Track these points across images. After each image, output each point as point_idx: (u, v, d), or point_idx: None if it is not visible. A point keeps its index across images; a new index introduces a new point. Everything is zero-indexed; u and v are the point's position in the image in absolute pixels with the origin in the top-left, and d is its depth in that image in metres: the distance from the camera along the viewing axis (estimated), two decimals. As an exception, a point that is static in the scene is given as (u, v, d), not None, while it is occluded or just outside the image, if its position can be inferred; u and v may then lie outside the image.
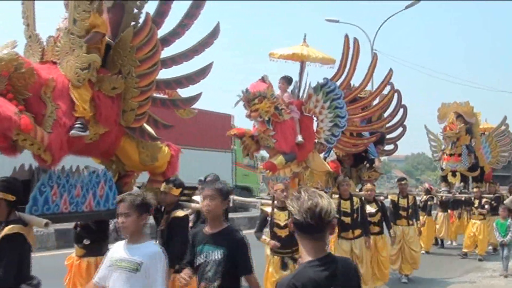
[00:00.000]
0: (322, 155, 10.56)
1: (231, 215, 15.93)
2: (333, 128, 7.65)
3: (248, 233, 4.46)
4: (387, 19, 25.10)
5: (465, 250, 11.89)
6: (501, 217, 9.84)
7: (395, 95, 10.57)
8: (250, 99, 6.76)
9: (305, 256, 2.17)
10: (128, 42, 4.37)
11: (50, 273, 4.90)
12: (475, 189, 12.15)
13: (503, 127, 13.89)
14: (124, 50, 4.39)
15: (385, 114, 10.63)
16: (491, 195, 12.00)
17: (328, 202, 2.12)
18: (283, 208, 6.33)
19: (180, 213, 4.93)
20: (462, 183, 12.91)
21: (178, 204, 5.08)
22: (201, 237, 3.61)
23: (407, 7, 23.97)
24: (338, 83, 7.60)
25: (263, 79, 7.04)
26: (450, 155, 12.66)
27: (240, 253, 3.51)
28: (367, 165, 10.02)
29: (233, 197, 7.39)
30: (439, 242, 13.56)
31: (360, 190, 9.09)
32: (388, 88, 8.51)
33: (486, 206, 11.38)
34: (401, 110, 10.60)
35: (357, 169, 10.18)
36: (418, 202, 11.66)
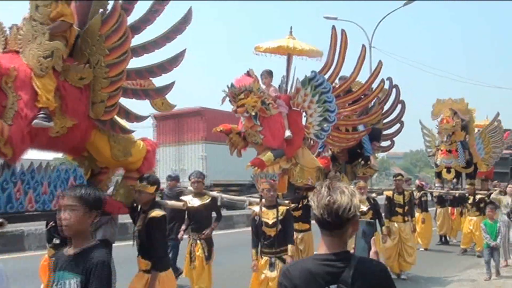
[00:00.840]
0: (317, 150, 10.46)
1: (230, 212, 15.82)
2: (323, 122, 7.41)
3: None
4: (385, 16, 25.26)
5: (463, 246, 11.83)
6: (489, 217, 9.03)
7: (394, 90, 10.43)
8: (236, 94, 6.53)
9: (320, 249, 2.10)
10: (96, 31, 4.14)
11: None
12: (467, 186, 12.20)
13: (495, 123, 13.88)
14: (92, 38, 4.16)
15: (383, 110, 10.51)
16: (485, 192, 11.90)
17: (348, 199, 2.01)
18: (271, 206, 6.11)
19: (157, 213, 4.66)
20: (455, 179, 12.98)
21: (155, 202, 4.84)
22: (62, 260, 2.78)
23: (405, 4, 23.99)
24: (326, 76, 7.36)
25: (248, 73, 6.82)
26: (448, 151, 12.56)
27: (93, 281, 2.63)
28: (362, 162, 9.87)
29: (221, 195, 7.16)
30: (442, 239, 13.50)
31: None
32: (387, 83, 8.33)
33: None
34: (399, 106, 10.46)
35: (352, 166, 10.02)
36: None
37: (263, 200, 6.22)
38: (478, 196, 11.55)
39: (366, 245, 2.20)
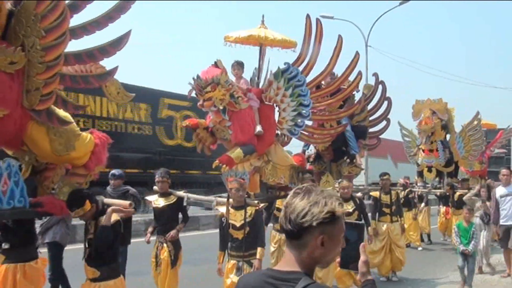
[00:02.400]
0: (301, 148, 10.10)
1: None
2: (297, 117, 7.01)
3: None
4: (382, 15, 25.41)
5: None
6: (465, 220, 8.01)
7: (380, 86, 10.10)
8: (202, 87, 6.09)
9: (281, 262, 1.82)
10: (31, 9, 3.67)
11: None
12: (447, 186, 12.38)
13: (475, 122, 13.98)
14: (27, 18, 3.69)
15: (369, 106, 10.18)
16: (465, 190, 11.77)
17: (306, 204, 1.70)
18: (239, 207, 5.70)
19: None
20: (437, 178, 13.06)
21: (103, 208, 4.40)
22: None
23: (401, 4, 23.99)
24: (300, 69, 6.96)
25: (216, 64, 6.37)
26: (430, 150, 12.62)
27: None
28: (348, 160, 9.56)
29: (187, 194, 6.72)
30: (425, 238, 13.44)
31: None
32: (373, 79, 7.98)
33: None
34: (385, 102, 10.18)
35: (337, 164, 9.73)
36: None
37: (231, 200, 5.81)
38: (457, 194, 11.70)
39: (353, 253, 1.86)
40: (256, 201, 5.95)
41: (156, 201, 6.63)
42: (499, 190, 8.50)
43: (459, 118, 14.82)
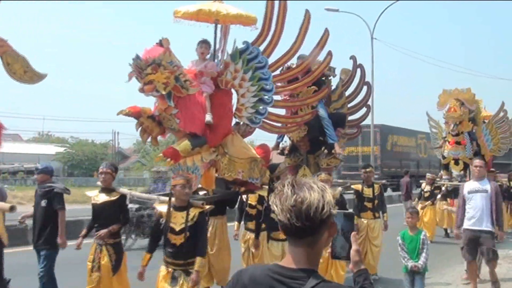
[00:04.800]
0: (275, 139, 9.30)
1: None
2: (258, 104, 6.18)
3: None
4: (387, 7, 25.33)
5: None
6: (409, 226, 5.92)
7: (358, 70, 9.32)
8: (142, 68, 5.24)
9: (284, 261, 1.74)
10: None
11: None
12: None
13: (501, 114, 13.65)
14: None
15: (347, 93, 9.42)
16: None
17: (319, 195, 1.66)
18: (181, 208, 4.93)
19: None
20: (462, 172, 12.62)
21: None
22: None
23: None
24: (261, 48, 6.09)
25: (161, 43, 5.51)
26: (456, 142, 12.21)
27: None
28: (326, 151, 8.81)
29: (130, 192, 5.93)
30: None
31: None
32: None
33: None
34: (365, 88, 9.46)
35: (314, 156, 9.01)
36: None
37: (173, 199, 5.02)
38: None
39: (345, 243, 1.86)
40: (201, 202, 5.13)
41: (96, 196, 5.90)
42: (468, 185, 6.92)
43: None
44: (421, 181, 14.41)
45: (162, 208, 5.08)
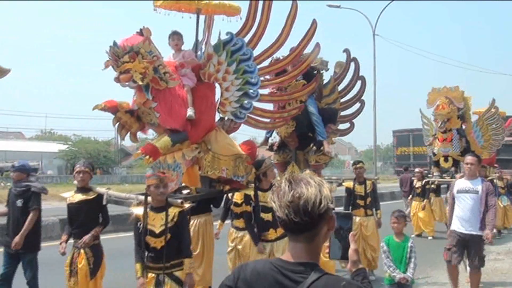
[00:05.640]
0: (264, 134, 9.01)
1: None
2: (243, 98, 5.87)
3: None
4: (389, 3, 25.41)
5: None
6: (395, 231, 5.29)
7: (352, 64, 9.04)
8: (119, 56, 4.91)
9: (285, 255, 1.76)
10: None
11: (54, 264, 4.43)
12: (457, 175, 11.45)
13: (492, 110, 13.50)
14: None
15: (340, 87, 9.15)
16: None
17: (316, 190, 1.68)
18: (159, 208, 4.63)
19: None
20: (453, 168, 12.61)
21: None
22: None
23: None
24: (246, 40, 5.77)
25: (141, 32, 5.18)
26: (445, 139, 12.27)
27: None
28: (314, 147, 8.56)
29: (107, 191, 5.60)
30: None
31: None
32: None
33: None
34: (359, 82, 9.19)
35: (304, 153, 8.78)
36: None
37: (149, 199, 4.71)
38: None
39: (343, 243, 1.83)
40: (180, 200, 4.82)
41: (72, 196, 5.59)
42: (459, 184, 6.56)
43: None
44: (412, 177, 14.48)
45: (138, 211, 4.77)
